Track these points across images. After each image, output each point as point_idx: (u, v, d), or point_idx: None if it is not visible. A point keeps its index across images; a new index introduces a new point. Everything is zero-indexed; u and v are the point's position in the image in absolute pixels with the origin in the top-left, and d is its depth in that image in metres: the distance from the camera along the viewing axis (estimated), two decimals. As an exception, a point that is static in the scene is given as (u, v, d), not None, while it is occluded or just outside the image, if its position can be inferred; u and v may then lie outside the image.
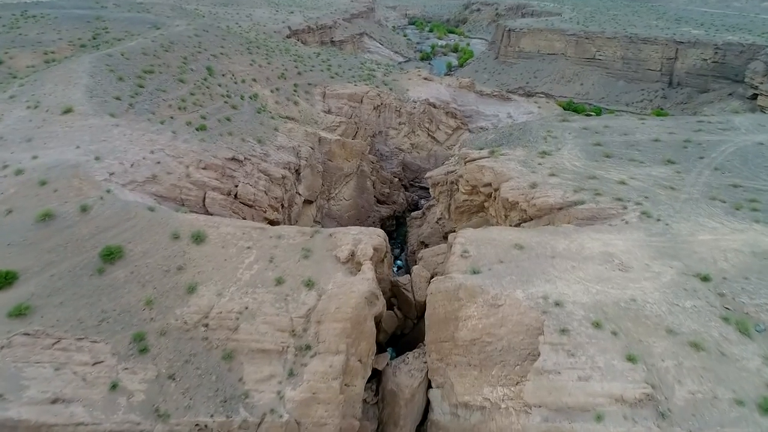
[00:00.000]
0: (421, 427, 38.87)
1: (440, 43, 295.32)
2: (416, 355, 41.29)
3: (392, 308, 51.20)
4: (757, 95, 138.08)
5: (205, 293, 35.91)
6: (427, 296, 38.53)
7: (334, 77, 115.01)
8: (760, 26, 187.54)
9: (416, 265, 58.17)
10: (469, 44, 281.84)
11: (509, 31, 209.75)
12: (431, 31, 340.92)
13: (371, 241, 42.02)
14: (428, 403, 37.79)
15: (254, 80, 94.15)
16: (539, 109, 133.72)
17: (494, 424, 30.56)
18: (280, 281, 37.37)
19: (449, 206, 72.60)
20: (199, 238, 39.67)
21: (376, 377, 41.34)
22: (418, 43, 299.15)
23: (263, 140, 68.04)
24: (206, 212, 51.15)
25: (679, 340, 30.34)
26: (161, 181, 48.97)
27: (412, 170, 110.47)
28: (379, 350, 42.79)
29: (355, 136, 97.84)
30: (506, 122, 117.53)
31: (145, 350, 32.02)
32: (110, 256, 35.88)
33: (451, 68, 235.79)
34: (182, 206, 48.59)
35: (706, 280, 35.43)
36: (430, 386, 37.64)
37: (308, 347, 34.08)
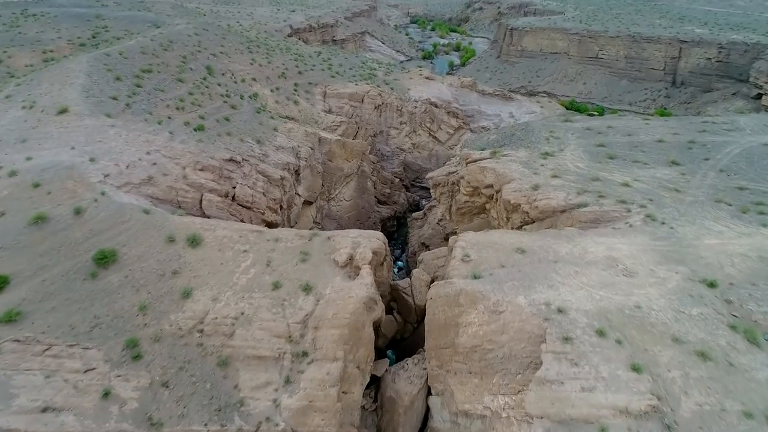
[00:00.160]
0: (420, 434, 38.21)
1: (442, 41, 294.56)
2: (416, 361, 40.57)
3: (392, 312, 50.46)
4: (761, 95, 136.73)
5: (200, 298, 35.26)
6: (427, 301, 37.79)
7: (335, 76, 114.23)
8: (764, 25, 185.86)
9: (416, 267, 57.40)
10: (471, 43, 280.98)
11: (511, 29, 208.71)
12: (433, 29, 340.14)
13: (370, 244, 41.28)
14: (428, 410, 37.11)
15: (254, 79, 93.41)
16: (541, 108, 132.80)
17: (495, 433, 29.83)
18: (277, 286, 36.68)
19: (450, 207, 71.82)
20: (194, 241, 39.00)
21: (374, 383, 40.65)
22: (420, 41, 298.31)
23: (262, 141, 67.29)
24: (203, 215, 50.46)
25: (685, 349, 29.51)
26: (157, 182, 48.27)
27: (413, 170, 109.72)
28: (378, 355, 42.11)
29: (355, 135, 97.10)
30: (508, 122, 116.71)
31: (138, 357, 31.42)
32: (104, 260, 35.23)
33: (453, 67, 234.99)
34: (178, 208, 47.88)
35: (712, 286, 34.57)
36: (429, 393, 36.94)
37: (305, 354, 33.41)
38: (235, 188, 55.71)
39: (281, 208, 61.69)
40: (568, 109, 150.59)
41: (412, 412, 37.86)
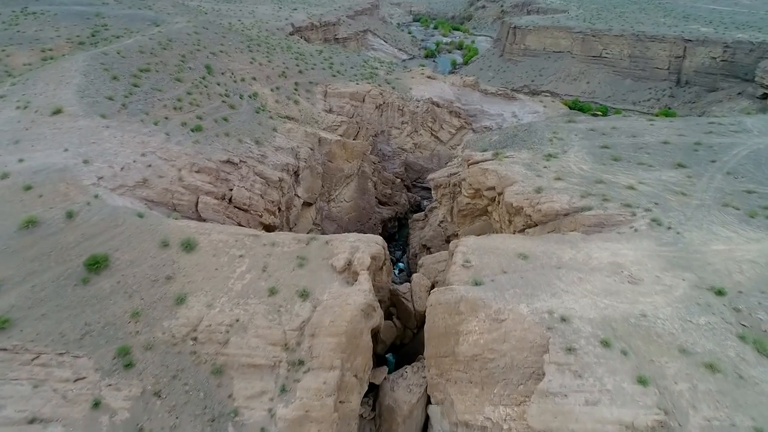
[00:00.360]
0: (419, 444, 37.36)
1: (445, 40, 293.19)
2: (415, 369, 39.70)
3: (391, 318, 49.59)
4: (767, 95, 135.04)
5: (194, 304, 34.45)
6: (426, 308, 36.89)
7: (336, 75, 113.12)
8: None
9: (416, 272, 56.47)
10: (474, 41, 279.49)
11: (515, 28, 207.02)
12: (436, 28, 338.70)
13: (369, 249, 40.32)
14: (427, 419, 36.28)
15: (254, 79, 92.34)
16: (545, 108, 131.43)
17: (496, 446, 28.97)
18: (273, 291, 35.83)
19: (452, 209, 70.88)
20: (189, 245, 38.13)
21: (373, 391, 39.81)
22: (422, 40, 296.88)
23: (261, 141, 66.33)
24: (199, 218, 49.62)
25: (693, 360, 28.54)
26: (152, 185, 47.37)
27: (414, 170, 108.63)
28: (377, 362, 41.26)
29: (356, 135, 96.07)
30: (511, 122, 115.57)
31: (130, 365, 30.66)
32: (96, 265, 34.40)
33: (455, 66, 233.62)
34: (174, 211, 47.02)
35: (720, 294, 33.58)
36: (429, 402, 36.09)
37: (301, 362, 32.57)
38: (232, 190, 54.77)
39: (279, 210, 60.78)
40: (571, 108, 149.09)
41: (411, 421, 37.02)
